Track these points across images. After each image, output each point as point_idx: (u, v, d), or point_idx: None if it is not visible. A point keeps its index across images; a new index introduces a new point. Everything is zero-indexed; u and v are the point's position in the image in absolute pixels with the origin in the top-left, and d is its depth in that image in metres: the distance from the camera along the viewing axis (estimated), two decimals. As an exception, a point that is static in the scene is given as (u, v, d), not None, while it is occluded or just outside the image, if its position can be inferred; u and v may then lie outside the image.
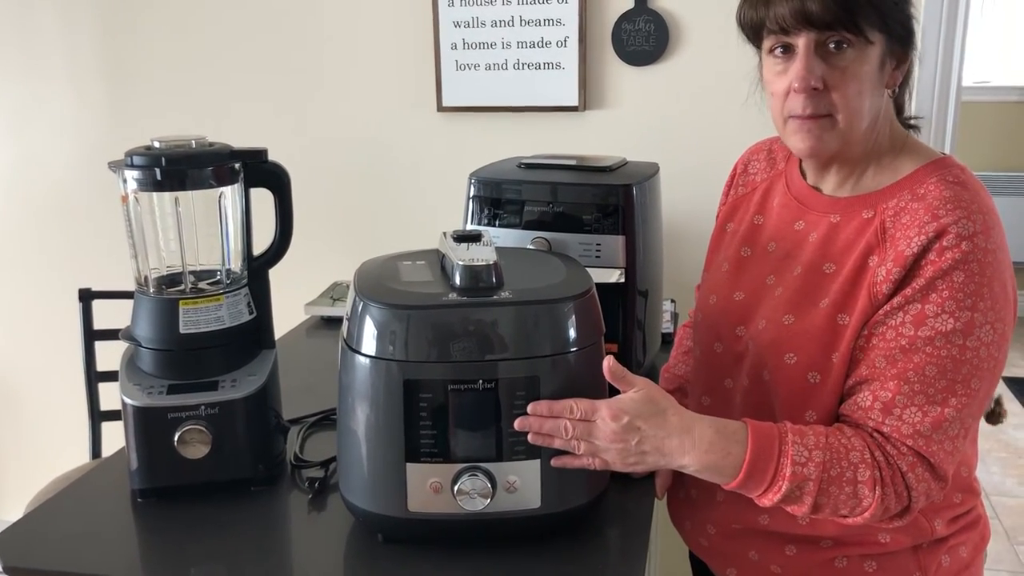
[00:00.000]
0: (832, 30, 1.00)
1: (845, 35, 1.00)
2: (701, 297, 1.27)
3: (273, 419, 1.25)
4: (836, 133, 1.05)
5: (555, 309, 1.04)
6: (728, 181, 1.33)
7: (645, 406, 1.01)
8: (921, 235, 0.99)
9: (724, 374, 1.18)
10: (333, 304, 1.99)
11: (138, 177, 1.17)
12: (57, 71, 2.36)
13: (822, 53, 1.02)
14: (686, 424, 1.01)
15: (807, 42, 1.01)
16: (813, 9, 0.99)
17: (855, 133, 1.05)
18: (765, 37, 1.07)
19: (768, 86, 1.09)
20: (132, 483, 1.19)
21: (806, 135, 1.05)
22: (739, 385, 1.15)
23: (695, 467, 1.01)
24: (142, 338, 1.21)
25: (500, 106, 2.10)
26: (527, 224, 1.46)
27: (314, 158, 2.24)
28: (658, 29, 1.98)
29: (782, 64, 1.06)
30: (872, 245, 1.04)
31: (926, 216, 1.00)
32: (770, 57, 1.08)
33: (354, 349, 1.03)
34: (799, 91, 1.03)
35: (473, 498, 1.01)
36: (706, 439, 1.00)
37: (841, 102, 1.03)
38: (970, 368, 0.98)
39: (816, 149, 1.06)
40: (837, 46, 1.02)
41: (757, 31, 1.07)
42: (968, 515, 1.16)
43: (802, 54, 1.02)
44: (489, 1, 2.03)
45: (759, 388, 1.12)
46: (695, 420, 1.02)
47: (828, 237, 1.10)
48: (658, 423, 1.00)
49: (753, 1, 1.06)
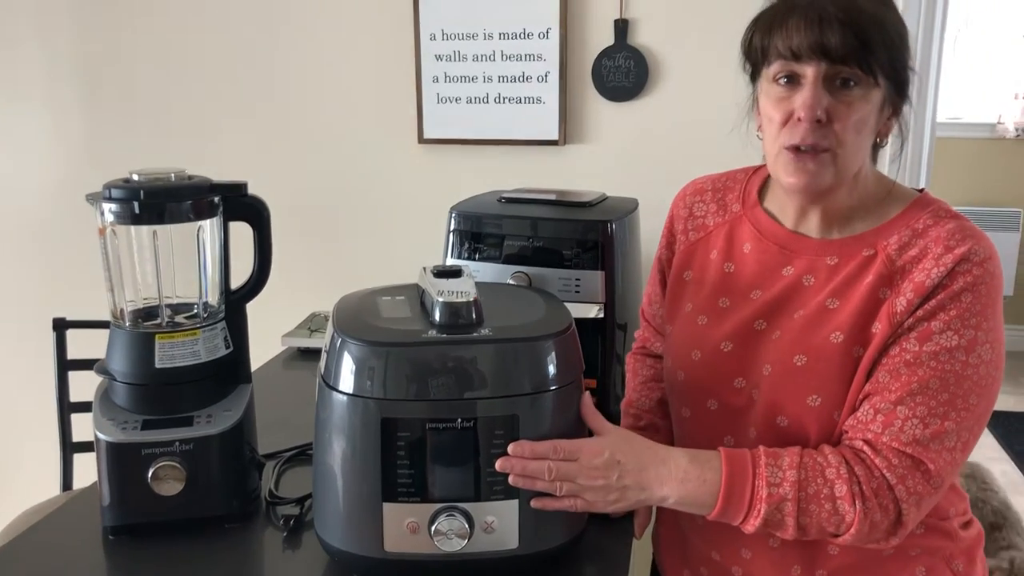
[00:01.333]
0: (845, 64, 1.00)
1: (856, 71, 1.01)
2: (677, 354, 1.21)
3: (248, 454, 1.23)
4: (831, 170, 1.04)
5: (535, 347, 1.03)
6: (668, 224, 1.29)
7: (623, 442, 1.05)
8: (940, 266, 1.02)
9: (723, 431, 1.15)
10: (311, 335, 1.98)
11: (116, 210, 1.16)
12: (35, 100, 2.35)
13: (828, 87, 1.02)
14: (662, 456, 1.04)
15: (817, 72, 1.01)
16: (831, 43, 0.99)
17: (848, 172, 1.06)
18: (771, 63, 1.05)
19: (765, 113, 1.08)
20: (104, 520, 1.17)
21: (800, 171, 1.05)
22: (744, 439, 1.12)
23: (674, 498, 1.02)
24: (117, 372, 1.19)
25: (481, 139, 2.11)
26: (507, 258, 1.46)
27: (295, 189, 2.24)
28: (637, 65, 2.00)
29: (785, 92, 1.04)
30: (884, 277, 1.05)
31: (939, 248, 1.03)
32: (773, 85, 1.06)
33: (331, 386, 1.02)
34: (804, 120, 1.02)
35: (451, 538, 1.01)
36: (681, 468, 1.02)
37: (842, 135, 1.02)
38: (970, 384, 1.01)
39: (809, 186, 1.05)
40: (844, 83, 1.02)
41: (764, 56, 1.06)
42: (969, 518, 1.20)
43: (811, 83, 1.02)
44: (471, 35, 2.05)
45: (773, 436, 1.09)
46: (670, 451, 1.05)
47: (828, 278, 1.09)
48: (636, 455, 1.03)
49: (766, 30, 1.05)
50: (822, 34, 0.99)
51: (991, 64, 4.64)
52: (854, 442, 1.03)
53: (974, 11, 4.60)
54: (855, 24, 0.99)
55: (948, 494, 1.12)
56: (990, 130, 4.60)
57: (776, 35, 1.03)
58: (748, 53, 1.10)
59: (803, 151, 1.04)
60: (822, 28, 0.99)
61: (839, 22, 0.99)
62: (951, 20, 4.40)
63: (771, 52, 1.04)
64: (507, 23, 2.02)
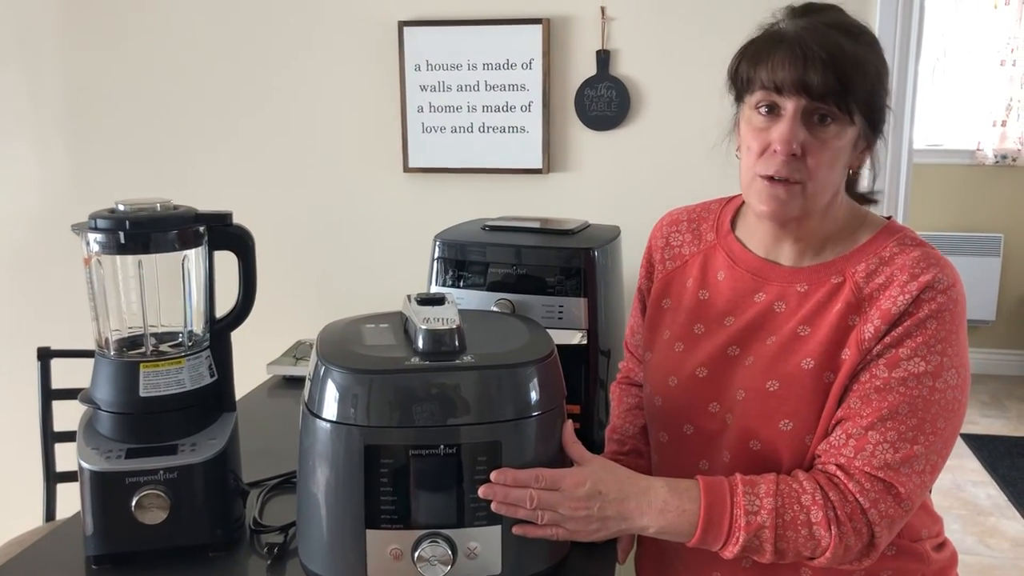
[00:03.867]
0: (823, 102, 1.03)
1: (833, 109, 1.04)
2: (655, 380, 1.23)
3: (232, 483, 1.23)
4: (801, 201, 1.07)
5: (517, 373, 1.05)
6: (647, 254, 1.32)
7: (605, 472, 1.06)
8: (905, 294, 1.05)
9: (698, 456, 1.17)
10: (295, 363, 1.98)
11: (101, 240, 1.17)
12: (21, 130, 2.36)
13: (806, 121, 1.05)
14: (642, 486, 1.05)
15: (796, 107, 1.04)
16: (813, 81, 1.02)
17: (818, 203, 1.08)
18: (754, 92, 1.08)
19: (744, 140, 1.11)
20: (87, 549, 1.16)
21: (771, 198, 1.07)
22: (718, 463, 1.15)
23: (655, 527, 1.04)
24: (101, 401, 1.19)
25: (465, 168, 2.13)
26: (491, 286, 1.48)
27: (280, 218, 2.25)
28: (619, 95, 2.03)
29: (764, 122, 1.07)
30: (852, 305, 1.08)
31: (905, 276, 1.06)
32: (754, 113, 1.09)
33: (315, 413, 1.03)
34: (780, 153, 1.05)
35: (433, 565, 1.01)
36: (660, 498, 1.04)
37: (814, 170, 1.05)
38: (938, 409, 1.03)
39: (778, 213, 1.08)
40: (821, 119, 1.05)
41: (748, 85, 1.09)
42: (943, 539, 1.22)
43: (789, 117, 1.04)
44: (455, 66, 2.07)
45: (747, 460, 1.11)
46: (650, 481, 1.07)
47: (798, 305, 1.12)
48: (618, 486, 1.04)
49: (753, 61, 1.08)
50: (805, 71, 1.02)
51: (970, 92, 4.71)
52: (827, 466, 1.05)
53: (952, 40, 4.68)
54: (837, 65, 1.02)
55: (920, 515, 1.14)
56: (970, 156, 4.66)
57: (761, 67, 1.06)
58: (734, 79, 1.13)
59: (776, 180, 1.06)
60: (806, 65, 1.02)
61: (822, 61, 1.02)
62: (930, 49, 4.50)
63: (755, 82, 1.07)
64: (491, 54, 2.05)
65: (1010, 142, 4.59)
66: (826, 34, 1.04)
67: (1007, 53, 4.55)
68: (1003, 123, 4.59)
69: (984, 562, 2.97)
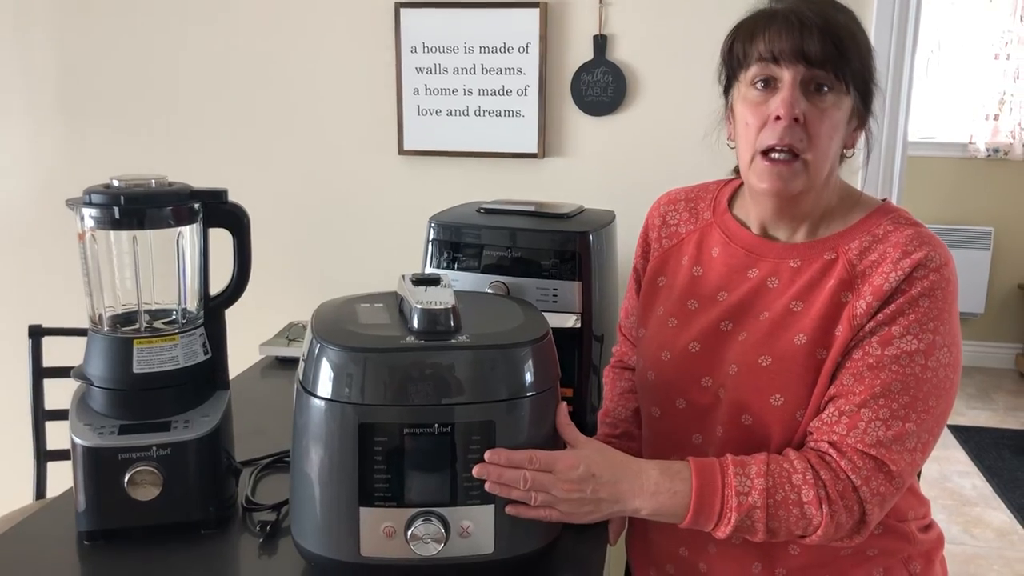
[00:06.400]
0: (822, 68, 1.05)
1: (830, 76, 1.05)
2: (648, 355, 1.24)
3: (225, 461, 1.23)
4: (803, 176, 1.08)
5: (512, 353, 1.05)
6: (643, 234, 1.33)
7: (598, 454, 1.06)
8: (897, 271, 1.05)
9: (692, 430, 1.18)
10: (289, 344, 1.98)
11: (96, 215, 1.17)
12: (15, 105, 2.34)
13: (804, 92, 1.06)
14: (634, 469, 1.06)
15: (795, 75, 1.05)
16: (811, 48, 1.04)
17: (818, 177, 1.09)
18: (750, 67, 1.09)
19: (742, 118, 1.11)
20: (79, 525, 1.17)
21: (773, 176, 1.08)
22: (712, 437, 1.15)
23: (647, 510, 1.05)
24: (94, 377, 1.19)
25: (461, 151, 2.12)
26: (486, 268, 1.48)
27: (275, 198, 2.24)
28: (616, 80, 2.02)
29: (761, 96, 1.08)
30: (845, 281, 1.09)
31: (897, 253, 1.06)
32: (750, 89, 1.10)
33: (309, 391, 1.03)
34: (783, 118, 1.05)
35: (426, 543, 1.01)
36: (652, 481, 1.05)
37: (815, 139, 1.06)
38: (929, 387, 1.04)
39: (781, 190, 1.09)
40: (818, 88, 1.06)
41: (744, 60, 1.10)
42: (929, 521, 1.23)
43: (788, 85, 1.06)
44: (451, 49, 2.07)
45: (739, 435, 1.12)
46: (642, 463, 1.08)
47: (791, 280, 1.13)
48: (611, 469, 1.05)
49: (748, 36, 1.09)
50: (802, 39, 1.04)
51: (963, 85, 4.72)
52: (819, 444, 1.06)
53: (946, 34, 4.69)
54: (832, 33, 1.04)
55: (907, 497, 1.15)
56: (962, 149, 4.68)
57: (758, 39, 1.07)
58: (727, 59, 1.13)
59: (777, 159, 1.07)
60: (802, 33, 1.04)
61: (819, 28, 1.04)
62: (924, 42, 4.50)
63: (751, 55, 1.08)
64: (487, 37, 2.05)
65: (1002, 136, 4.61)
66: (818, 6, 1.06)
67: (1001, 47, 4.57)
68: (996, 117, 4.61)
69: (969, 551, 3.00)
